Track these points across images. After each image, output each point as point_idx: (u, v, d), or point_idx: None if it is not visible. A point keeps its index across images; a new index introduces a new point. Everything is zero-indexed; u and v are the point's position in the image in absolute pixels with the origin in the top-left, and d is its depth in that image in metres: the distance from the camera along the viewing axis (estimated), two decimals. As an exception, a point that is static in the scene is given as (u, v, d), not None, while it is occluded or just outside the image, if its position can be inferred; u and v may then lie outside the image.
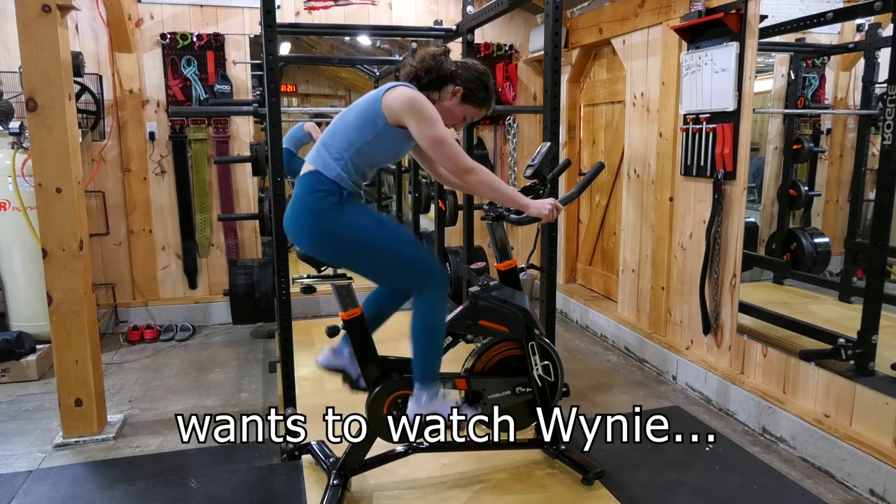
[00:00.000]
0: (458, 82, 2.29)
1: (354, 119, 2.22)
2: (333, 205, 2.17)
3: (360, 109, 2.23)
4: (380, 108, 2.18)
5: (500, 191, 2.27)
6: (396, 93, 2.17)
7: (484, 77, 2.32)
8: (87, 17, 4.26)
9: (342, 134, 2.22)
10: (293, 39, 6.22)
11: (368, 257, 2.24)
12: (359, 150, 2.20)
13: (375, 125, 2.18)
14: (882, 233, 2.58)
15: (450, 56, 2.33)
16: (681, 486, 2.55)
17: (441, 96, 2.30)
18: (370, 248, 2.22)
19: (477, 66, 2.33)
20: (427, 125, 2.13)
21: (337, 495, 2.33)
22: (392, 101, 2.16)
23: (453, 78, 2.29)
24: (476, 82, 2.30)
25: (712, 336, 3.35)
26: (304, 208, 2.21)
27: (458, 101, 2.30)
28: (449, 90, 2.29)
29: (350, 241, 2.20)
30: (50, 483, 2.60)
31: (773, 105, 3.93)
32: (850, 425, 2.60)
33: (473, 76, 2.30)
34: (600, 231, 4.81)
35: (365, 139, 2.19)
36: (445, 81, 2.29)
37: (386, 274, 2.32)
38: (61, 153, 2.72)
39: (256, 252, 4.81)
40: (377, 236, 2.22)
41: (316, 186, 2.19)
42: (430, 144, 2.15)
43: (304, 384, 3.39)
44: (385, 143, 2.23)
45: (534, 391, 2.53)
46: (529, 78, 5.21)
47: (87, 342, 2.87)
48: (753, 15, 2.95)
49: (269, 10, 2.53)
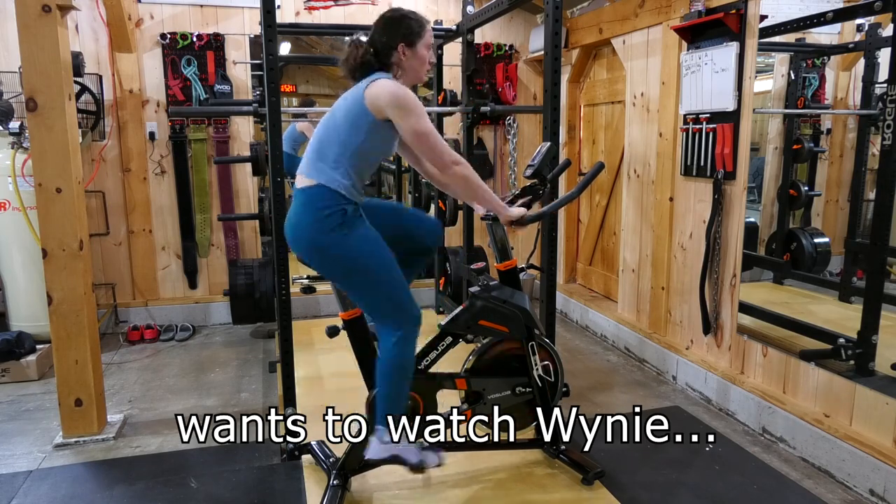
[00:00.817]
0: (391, 42, 2.22)
1: (343, 121, 2.19)
2: (337, 226, 2.15)
3: (346, 111, 2.20)
4: (364, 105, 2.15)
5: (478, 190, 2.27)
6: (378, 87, 2.15)
7: (395, 15, 2.25)
8: (87, 17, 4.26)
9: (334, 139, 2.20)
10: (293, 39, 6.22)
11: (357, 284, 2.24)
12: (354, 153, 2.19)
13: (365, 123, 2.16)
14: (882, 233, 2.58)
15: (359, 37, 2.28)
16: (681, 486, 2.55)
17: (400, 66, 2.25)
18: (361, 277, 2.21)
19: (382, 17, 2.27)
20: (411, 118, 2.12)
21: (337, 495, 2.33)
22: (375, 96, 2.14)
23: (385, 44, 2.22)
24: (397, 25, 2.23)
25: (712, 336, 3.35)
26: (304, 226, 2.20)
27: (410, 50, 2.24)
28: (395, 55, 2.23)
29: (345, 264, 2.20)
30: (50, 483, 2.60)
31: (773, 105, 3.93)
32: (850, 425, 2.60)
33: (389, 25, 2.24)
34: (600, 231, 4.81)
35: (358, 140, 2.18)
36: (389, 48, 2.22)
37: (370, 304, 2.29)
38: (61, 153, 2.72)
39: (256, 252, 4.81)
40: (370, 268, 2.20)
41: (320, 202, 2.16)
42: (414, 137, 2.14)
43: (304, 384, 3.39)
44: (377, 140, 2.22)
45: (534, 391, 2.53)
46: (529, 78, 5.21)
47: (87, 342, 2.87)
48: (753, 15, 2.95)
49: (269, 10, 2.53)
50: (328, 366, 3.75)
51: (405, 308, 2.25)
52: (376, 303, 2.26)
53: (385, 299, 2.24)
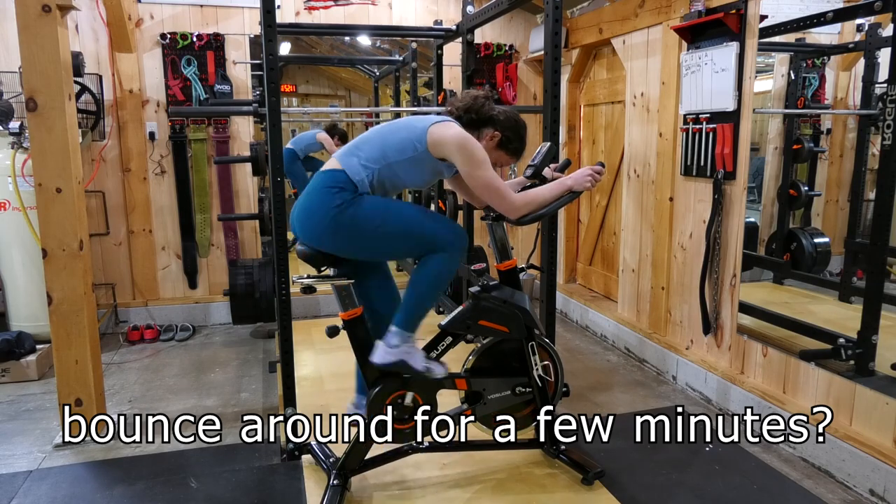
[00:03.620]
0: (497, 128, 2.36)
1: (395, 137, 2.26)
2: (346, 200, 2.19)
3: (404, 131, 2.28)
4: (424, 136, 2.23)
5: (547, 198, 2.32)
6: (447, 129, 2.23)
7: (522, 129, 2.41)
8: (87, 17, 4.26)
9: (378, 145, 2.26)
10: (293, 39, 6.21)
11: (383, 241, 2.25)
12: (389, 165, 2.25)
13: (415, 149, 2.24)
14: (882, 233, 2.58)
15: (492, 101, 2.40)
16: (681, 486, 2.55)
17: (478, 137, 2.35)
18: (382, 231, 2.22)
19: (517, 117, 2.42)
20: (478, 168, 2.22)
21: (337, 495, 2.33)
22: (440, 136, 2.22)
23: (494, 122, 2.36)
24: (514, 131, 2.39)
25: (712, 336, 3.35)
26: (314, 205, 2.23)
27: (494, 145, 2.38)
28: (487, 134, 2.37)
29: (360, 228, 2.21)
30: (50, 483, 2.60)
31: (773, 105, 3.93)
32: (850, 425, 2.60)
33: (512, 125, 2.38)
34: (600, 231, 4.81)
35: (400, 158, 2.25)
36: (486, 124, 2.36)
37: (406, 250, 2.36)
38: (61, 153, 2.72)
39: (256, 252, 4.81)
40: (387, 218, 2.23)
41: (333, 182, 2.21)
42: (481, 187, 2.24)
43: (304, 384, 3.39)
44: (418, 168, 2.29)
45: (534, 391, 2.53)
46: (529, 78, 5.21)
47: (87, 342, 2.87)
48: (753, 15, 2.95)
49: (269, 10, 2.53)
50: (328, 366, 3.75)
51: (446, 231, 2.28)
52: (412, 246, 2.31)
53: (418, 239, 2.26)
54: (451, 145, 2.21)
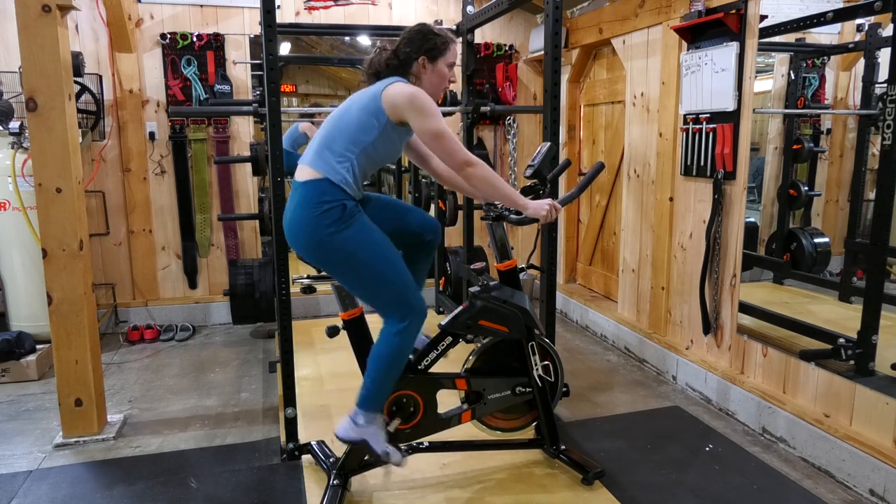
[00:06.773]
0: (413, 52, 2.29)
1: (356, 117, 2.22)
2: (335, 221, 2.16)
3: (362, 107, 2.23)
4: (380, 104, 2.19)
5: (500, 188, 2.26)
6: (396, 88, 2.19)
7: (422, 30, 2.32)
8: (87, 17, 4.26)
9: (344, 134, 2.22)
10: (293, 39, 6.22)
11: (359, 279, 2.24)
12: (364, 150, 2.21)
13: (379, 123, 2.20)
14: (882, 233, 2.58)
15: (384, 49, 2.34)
16: (681, 486, 2.55)
17: (418, 77, 2.31)
18: (362, 270, 2.21)
19: (409, 29, 2.34)
20: (428, 119, 2.15)
21: (337, 495, 2.33)
22: (393, 97, 2.17)
23: (406, 53, 2.29)
24: (422, 39, 2.30)
25: (712, 336, 3.35)
26: (303, 222, 2.20)
27: (430, 65, 2.30)
28: (416, 66, 2.30)
29: (345, 258, 2.20)
30: (50, 483, 2.60)
31: (773, 105, 3.93)
32: (850, 425, 2.60)
33: (416, 37, 2.30)
34: (600, 231, 4.81)
35: (370, 138, 2.21)
36: (405, 61, 2.30)
37: (373, 297, 2.28)
38: (61, 153, 2.72)
39: (256, 252, 4.81)
40: (371, 261, 2.20)
41: (319, 198, 2.17)
42: (431, 138, 2.17)
43: (304, 384, 3.39)
44: (388, 142, 2.25)
45: (534, 391, 2.53)
46: (529, 78, 5.21)
47: (87, 342, 2.87)
48: (753, 15, 2.95)
49: (269, 10, 2.53)
50: (328, 366, 3.75)
51: (409, 299, 2.25)
52: (380, 295, 2.26)
53: (389, 291, 2.23)
54: (404, 101, 2.15)
